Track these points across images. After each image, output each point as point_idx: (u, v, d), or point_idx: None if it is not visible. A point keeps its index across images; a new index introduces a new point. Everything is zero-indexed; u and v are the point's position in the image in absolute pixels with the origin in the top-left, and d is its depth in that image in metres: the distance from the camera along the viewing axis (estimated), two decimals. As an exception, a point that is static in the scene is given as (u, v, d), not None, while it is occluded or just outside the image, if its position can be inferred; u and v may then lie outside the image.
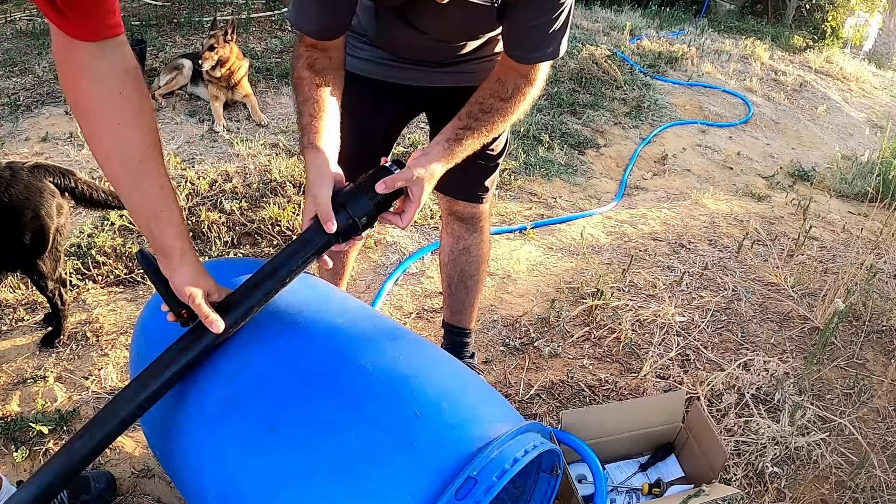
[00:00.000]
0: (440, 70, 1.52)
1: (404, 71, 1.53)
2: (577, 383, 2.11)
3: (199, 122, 3.64)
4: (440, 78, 1.54)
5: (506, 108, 1.32)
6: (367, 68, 1.53)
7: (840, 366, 2.33)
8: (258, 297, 1.09)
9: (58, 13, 0.89)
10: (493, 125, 1.32)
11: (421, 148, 1.29)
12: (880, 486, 1.84)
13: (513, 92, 1.32)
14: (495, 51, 1.53)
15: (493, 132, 1.34)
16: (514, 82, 1.31)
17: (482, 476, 0.91)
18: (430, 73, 1.53)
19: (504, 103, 1.32)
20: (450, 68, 1.52)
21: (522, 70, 1.31)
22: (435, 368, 1.09)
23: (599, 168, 3.91)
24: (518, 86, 1.32)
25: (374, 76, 1.54)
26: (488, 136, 1.33)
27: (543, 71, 1.33)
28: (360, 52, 1.53)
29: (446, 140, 1.28)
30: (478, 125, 1.30)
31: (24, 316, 2.14)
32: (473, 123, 1.30)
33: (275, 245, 2.62)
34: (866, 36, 8.58)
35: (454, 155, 1.29)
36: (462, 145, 1.29)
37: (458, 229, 1.79)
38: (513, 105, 1.32)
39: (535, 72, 1.31)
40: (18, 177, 1.78)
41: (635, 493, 1.77)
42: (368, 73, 1.53)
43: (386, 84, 1.55)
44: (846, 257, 3.05)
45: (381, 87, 1.55)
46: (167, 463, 1.21)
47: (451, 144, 1.28)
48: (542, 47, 1.27)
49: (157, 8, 5.39)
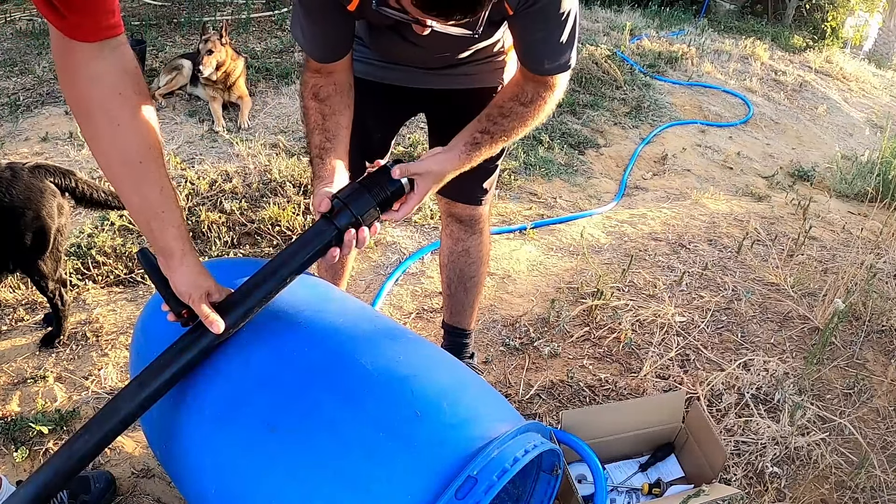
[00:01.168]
0: (438, 72, 1.52)
1: (401, 73, 1.52)
2: (577, 383, 2.11)
3: (199, 122, 3.64)
4: (438, 80, 1.54)
5: (526, 112, 1.31)
6: (363, 70, 1.53)
7: (840, 366, 2.33)
8: (258, 297, 1.09)
9: (56, 14, 0.89)
10: (512, 130, 1.31)
11: (439, 148, 1.29)
12: (880, 486, 1.84)
13: (533, 97, 1.30)
14: (494, 51, 1.52)
15: (511, 137, 1.33)
16: (534, 88, 1.30)
17: (482, 475, 0.91)
18: (427, 75, 1.52)
19: (524, 108, 1.31)
20: (448, 70, 1.52)
21: (541, 79, 1.30)
22: (435, 368, 1.09)
23: (599, 168, 3.91)
24: (538, 91, 1.31)
25: (371, 78, 1.53)
26: (507, 141, 1.33)
27: (564, 78, 1.32)
28: (356, 53, 1.52)
29: (464, 144, 1.28)
30: (497, 129, 1.30)
31: (24, 316, 2.14)
32: (492, 128, 1.30)
33: (275, 245, 2.62)
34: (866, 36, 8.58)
35: (471, 159, 1.29)
36: (480, 150, 1.29)
37: (457, 231, 1.79)
38: (533, 110, 1.31)
39: (554, 79, 1.30)
40: (19, 177, 1.78)
41: (635, 493, 1.77)
42: (365, 74, 1.53)
43: (383, 86, 1.54)
44: (846, 257, 3.05)
45: (378, 89, 1.55)
46: (167, 462, 1.21)
47: (468, 148, 1.28)
48: (554, 59, 1.26)
49: (157, 8, 5.39)
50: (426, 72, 1.52)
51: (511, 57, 1.59)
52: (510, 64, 1.59)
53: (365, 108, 1.56)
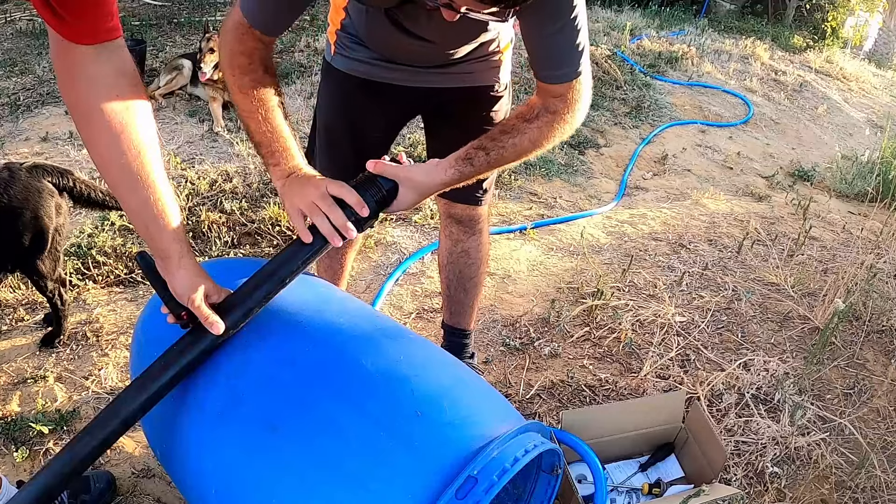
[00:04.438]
0: (435, 71, 1.51)
1: (398, 72, 1.51)
2: (577, 383, 2.11)
3: (199, 122, 3.64)
4: (436, 79, 1.53)
5: (529, 129, 1.25)
6: (361, 69, 1.52)
7: (840, 366, 2.33)
8: (258, 297, 1.09)
9: (55, 16, 0.89)
10: (513, 147, 1.25)
11: (435, 160, 1.25)
12: (880, 486, 1.84)
13: (539, 112, 1.25)
14: (489, 50, 1.52)
15: (513, 156, 1.26)
16: (543, 102, 1.25)
17: (483, 475, 0.91)
18: (425, 74, 1.52)
19: (527, 124, 1.25)
20: (445, 69, 1.51)
21: (556, 91, 1.24)
22: (435, 368, 1.09)
23: (599, 168, 3.91)
24: (548, 106, 1.25)
25: (368, 77, 1.53)
26: (506, 160, 1.27)
27: (581, 93, 1.25)
28: (354, 52, 1.52)
29: (456, 158, 1.24)
30: (494, 146, 1.24)
31: (24, 316, 2.14)
32: (489, 144, 1.24)
33: (275, 245, 2.62)
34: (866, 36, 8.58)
35: (461, 174, 1.24)
36: (472, 166, 1.23)
37: (456, 232, 1.79)
38: (539, 126, 1.25)
39: (571, 92, 1.23)
40: (17, 177, 1.78)
41: (635, 493, 1.77)
42: (362, 73, 1.53)
43: (380, 85, 1.54)
44: (846, 257, 3.05)
45: (375, 88, 1.54)
46: (168, 462, 1.21)
47: (459, 163, 1.23)
48: (568, 62, 1.21)
49: (157, 8, 5.39)
50: (423, 70, 1.51)
51: (507, 56, 1.59)
52: (506, 63, 1.59)
53: (361, 107, 1.56)
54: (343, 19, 1.50)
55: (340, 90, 1.59)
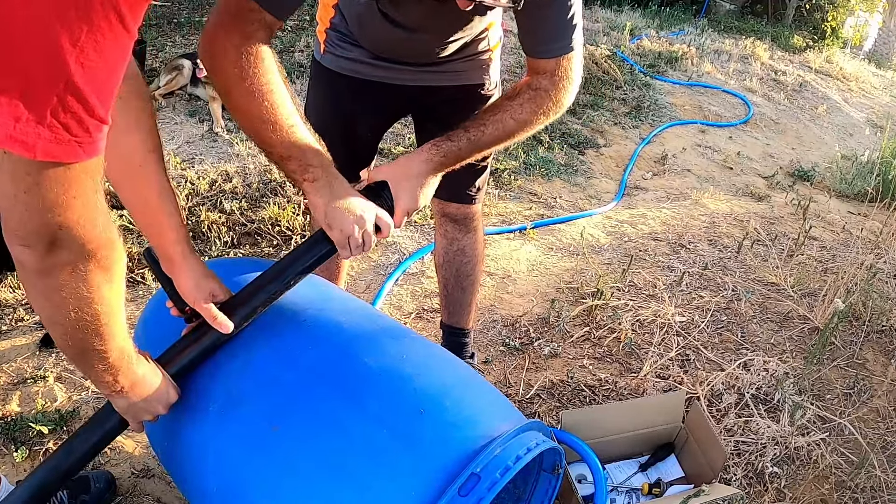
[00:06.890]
0: (426, 69, 1.51)
1: (389, 70, 1.51)
2: (577, 383, 2.11)
3: (199, 122, 3.64)
4: (426, 77, 1.53)
5: (511, 106, 1.24)
6: (352, 68, 1.52)
7: (840, 366, 2.33)
8: (263, 298, 1.10)
9: None
10: (495, 126, 1.25)
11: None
12: (880, 486, 1.84)
13: (523, 90, 1.25)
14: (479, 49, 1.53)
15: (496, 133, 1.25)
16: (531, 82, 1.25)
17: (485, 473, 0.91)
18: (415, 72, 1.51)
19: (510, 101, 1.25)
20: (435, 67, 1.51)
21: (545, 67, 1.24)
22: (437, 367, 1.09)
23: (599, 168, 3.91)
24: (533, 84, 1.24)
25: (360, 75, 1.53)
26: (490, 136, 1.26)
27: (571, 71, 1.24)
28: (345, 51, 1.51)
29: (435, 140, 1.25)
30: (473, 123, 1.25)
31: (24, 316, 2.14)
32: (469, 122, 1.25)
33: (275, 245, 2.62)
34: (866, 36, 8.60)
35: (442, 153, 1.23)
36: (451, 140, 1.24)
37: (451, 231, 1.79)
38: (522, 103, 1.24)
39: (560, 69, 1.23)
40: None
41: (635, 493, 1.77)
42: (353, 72, 1.52)
43: (371, 83, 1.53)
44: (846, 257, 3.05)
45: (367, 87, 1.54)
46: (168, 461, 1.21)
47: (437, 141, 1.24)
48: (560, 36, 1.21)
49: (157, 8, 5.39)
50: (414, 68, 1.51)
51: (496, 55, 1.60)
52: (495, 61, 1.60)
53: (353, 105, 1.56)
54: (332, 17, 1.50)
55: (332, 90, 1.59)
